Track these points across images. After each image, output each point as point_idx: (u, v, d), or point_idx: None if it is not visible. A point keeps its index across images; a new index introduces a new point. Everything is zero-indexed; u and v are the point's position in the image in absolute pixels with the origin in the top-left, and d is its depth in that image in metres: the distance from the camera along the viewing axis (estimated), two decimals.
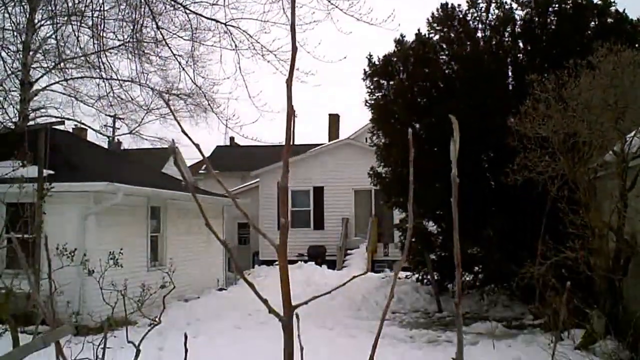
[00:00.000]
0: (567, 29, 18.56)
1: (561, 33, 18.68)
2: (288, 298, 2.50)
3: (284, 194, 2.47)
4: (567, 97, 13.23)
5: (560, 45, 18.61)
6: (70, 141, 23.40)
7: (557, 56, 17.67)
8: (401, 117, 20.28)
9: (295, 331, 2.45)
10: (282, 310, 2.44)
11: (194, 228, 24.45)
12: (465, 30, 19.87)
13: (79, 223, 17.82)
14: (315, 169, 34.08)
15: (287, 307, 2.50)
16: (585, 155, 13.36)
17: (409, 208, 2.59)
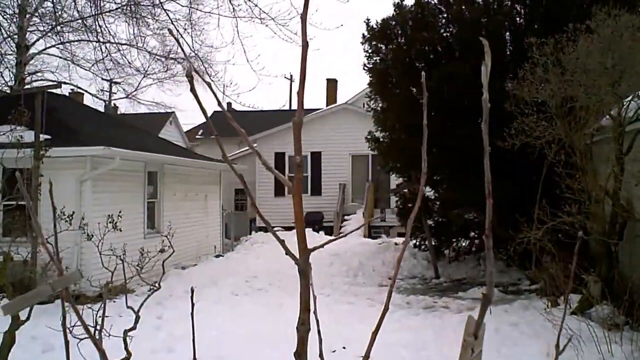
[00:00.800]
0: None
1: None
2: (303, 239, 2.40)
3: (297, 130, 2.36)
4: (565, 61, 13.16)
5: (559, 8, 18.45)
6: (67, 105, 23.28)
7: (557, 20, 17.53)
8: (399, 82, 20.21)
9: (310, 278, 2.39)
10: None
11: (191, 194, 24.47)
12: None
13: (76, 188, 17.76)
14: (312, 134, 33.96)
15: (303, 249, 2.40)
16: (582, 119, 13.33)
17: (422, 172, 2.52)
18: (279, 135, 35.20)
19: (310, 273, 2.42)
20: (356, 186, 34.73)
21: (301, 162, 2.41)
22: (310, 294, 2.48)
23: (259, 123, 38.64)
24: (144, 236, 20.14)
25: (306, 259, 2.40)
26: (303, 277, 2.42)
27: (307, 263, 2.40)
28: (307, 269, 2.40)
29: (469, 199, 17.77)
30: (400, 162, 21.50)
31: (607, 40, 12.83)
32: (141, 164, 20.79)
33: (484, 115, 2.52)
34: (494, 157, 11.76)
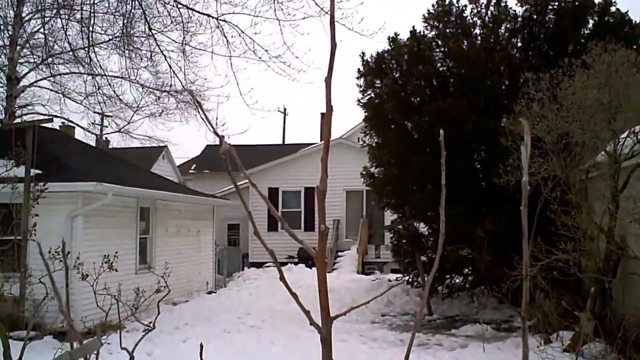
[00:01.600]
0: (565, 27, 18.43)
1: (559, 32, 18.56)
2: (327, 309, 2.43)
3: (321, 198, 2.34)
4: (561, 96, 13.12)
5: (557, 44, 18.50)
6: (58, 139, 23.11)
7: (553, 55, 17.58)
8: (394, 117, 20.14)
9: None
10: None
11: (183, 229, 24.26)
12: (462, 26, 19.72)
13: (67, 224, 17.50)
14: (306, 169, 33.84)
15: (326, 318, 2.43)
16: (578, 155, 13.26)
17: (440, 233, 2.47)
18: (273, 171, 35.08)
19: (331, 341, 2.44)
20: (350, 222, 34.54)
21: (326, 230, 2.50)
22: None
23: (252, 158, 38.54)
24: (135, 272, 19.89)
25: (328, 328, 2.43)
26: (325, 345, 2.44)
27: (329, 332, 2.43)
28: (329, 337, 2.43)
29: (462, 237, 17.60)
30: (395, 198, 21.37)
31: (603, 75, 12.80)
32: (133, 200, 20.60)
33: (523, 200, 2.41)
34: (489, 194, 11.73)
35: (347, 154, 33.17)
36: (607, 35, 14.87)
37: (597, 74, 12.90)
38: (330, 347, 2.40)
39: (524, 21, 19.37)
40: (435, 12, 20.06)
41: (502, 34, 19.65)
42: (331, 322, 2.37)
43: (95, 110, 27.43)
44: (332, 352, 2.56)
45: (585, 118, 12.92)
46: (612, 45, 13.17)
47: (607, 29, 17.77)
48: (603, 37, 14.58)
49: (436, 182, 18.60)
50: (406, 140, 19.70)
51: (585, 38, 17.93)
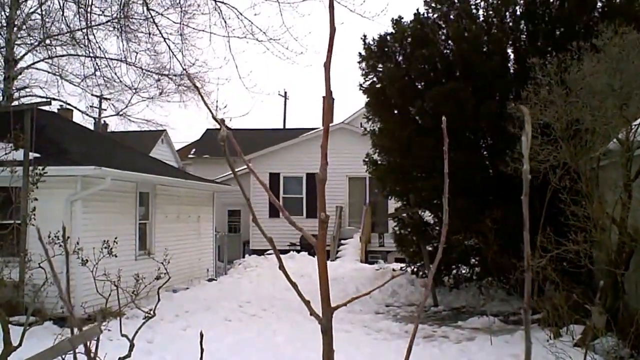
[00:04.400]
0: (572, 9, 17.95)
1: (565, 13, 18.08)
2: (327, 299, 2.41)
3: (321, 186, 2.15)
4: (570, 81, 12.77)
5: (564, 26, 18.08)
6: (56, 122, 22.85)
7: (561, 38, 17.17)
8: (397, 102, 19.76)
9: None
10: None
11: (183, 215, 24.02)
12: (466, 9, 19.28)
13: (65, 208, 17.29)
14: (308, 154, 33.46)
15: (327, 308, 2.40)
16: (588, 143, 12.91)
17: (444, 223, 2.26)
18: (274, 155, 34.76)
19: (332, 332, 2.38)
20: (353, 209, 34.21)
21: (326, 218, 2.44)
22: (333, 353, 2.42)
23: (252, 142, 38.19)
24: (135, 258, 19.67)
25: (329, 318, 2.39)
26: (326, 335, 2.39)
27: (329, 322, 2.39)
28: (329, 327, 2.39)
29: (469, 226, 17.27)
30: (399, 186, 21.01)
31: (614, 59, 12.46)
32: (133, 185, 20.35)
33: (524, 188, 2.11)
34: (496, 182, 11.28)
35: (350, 139, 32.78)
36: (617, 17, 14.46)
37: (608, 58, 12.55)
38: (331, 337, 2.37)
39: (528, 3, 18.87)
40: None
41: (508, 16, 19.19)
42: (332, 312, 2.34)
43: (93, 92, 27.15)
44: (335, 342, 2.49)
45: (596, 104, 12.59)
46: (622, 28, 12.78)
47: (616, 9, 17.31)
48: (613, 18, 14.19)
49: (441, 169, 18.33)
50: (409, 126, 19.33)
51: (594, 20, 17.50)
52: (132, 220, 20.33)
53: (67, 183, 17.36)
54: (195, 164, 46.15)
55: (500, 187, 17.22)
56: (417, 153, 18.73)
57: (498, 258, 16.59)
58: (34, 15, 23.74)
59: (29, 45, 24.31)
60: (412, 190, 20.34)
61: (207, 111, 22.80)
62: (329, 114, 2.12)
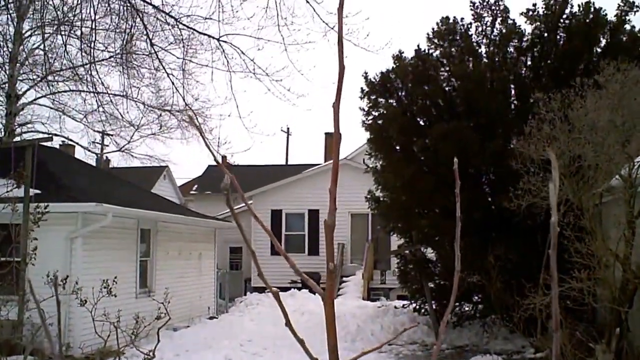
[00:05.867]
0: (577, 46, 18.03)
1: (570, 50, 18.15)
2: (335, 351, 2.29)
3: (329, 232, 2.00)
4: (572, 117, 12.74)
5: (568, 63, 18.11)
6: (58, 158, 22.83)
7: (564, 74, 17.18)
8: (399, 139, 19.73)
9: None
10: None
11: (185, 252, 23.88)
12: (468, 45, 19.31)
13: (65, 246, 17.25)
14: (310, 190, 33.34)
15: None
16: (591, 179, 12.83)
17: (456, 270, 2.15)
18: (276, 192, 34.67)
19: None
20: (355, 246, 34.01)
21: (334, 268, 2.21)
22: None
23: (254, 178, 38.10)
24: (135, 296, 19.53)
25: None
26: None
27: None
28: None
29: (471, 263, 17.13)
30: (401, 223, 20.92)
31: (616, 96, 12.44)
32: (134, 221, 20.27)
33: (552, 240, 2.02)
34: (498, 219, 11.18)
35: (352, 176, 32.58)
36: (619, 54, 14.51)
37: (610, 94, 12.54)
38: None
39: (533, 39, 18.95)
40: (439, 30, 19.67)
41: (510, 52, 19.24)
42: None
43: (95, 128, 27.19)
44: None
45: (598, 140, 12.54)
46: (625, 65, 12.81)
47: (619, 47, 17.39)
48: (616, 55, 14.23)
49: (443, 206, 18.29)
50: (412, 162, 19.29)
51: (598, 57, 17.55)
52: (132, 257, 20.21)
53: (68, 219, 17.31)
54: (197, 200, 46.03)
55: (503, 223, 17.12)
56: (419, 190, 18.66)
57: (501, 295, 16.45)
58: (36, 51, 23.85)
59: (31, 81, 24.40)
60: (414, 227, 20.23)
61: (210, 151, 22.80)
62: (337, 158, 2.03)
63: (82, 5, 18.77)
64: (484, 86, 18.36)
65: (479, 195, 18.44)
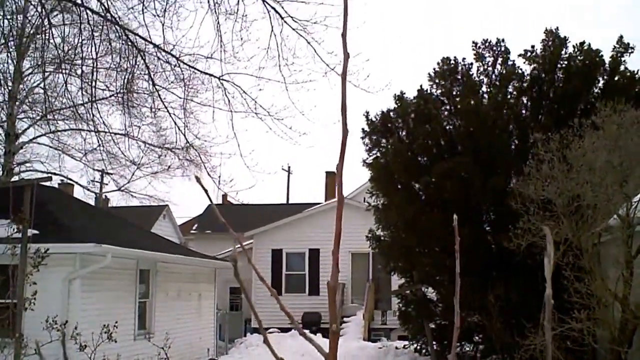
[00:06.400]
0: (575, 86, 18.22)
1: (568, 91, 18.34)
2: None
3: (332, 295, 1.97)
4: (571, 157, 12.81)
5: (566, 103, 18.27)
6: (56, 198, 22.80)
7: (563, 115, 17.34)
8: (400, 177, 19.80)
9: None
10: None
11: (184, 293, 23.74)
12: (469, 85, 19.49)
13: (63, 287, 17.08)
14: (311, 229, 33.32)
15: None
16: (590, 219, 12.86)
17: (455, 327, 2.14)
18: (276, 232, 34.62)
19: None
20: (356, 286, 33.84)
21: (337, 329, 2.27)
22: None
23: (255, 217, 38.08)
24: (134, 338, 19.37)
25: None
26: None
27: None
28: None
29: (471, 302, 17.06)
30: (402, 262, 20.87)
31: (613, 137, 12.53)
32: (133, 262, 20.17)
33: (546, 314, 2.03)
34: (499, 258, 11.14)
35: (353, 215, 32.49)
36: (616, 95, 14.63)
37: (607, 135, 12.63)
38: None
39: (532, 80, 19.14)
40: (441, 70, 19.86)
41: (510, 92, 19.42)
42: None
43: (95, 167, 27.19)
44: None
45: (597, 180, 12.61)
46: (621, 106, 12.93)
47: (616, 88, 17.56)
48: (613, 96, 14.35)
49: (445, 245, 18.22)
50: (413, 201, 19.33)
51: (595, 97, 17.72)
52: (132, 299, 20.07)
53: (66, 260, 17.16)
54: (197, 239, 45.94)
55: (503, 262, 17.11)
56: (420, 228, 18.67)
57: (502, 335, 16.36)
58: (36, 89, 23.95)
59: (31, 120, 24.46)
60: (415, 266, 20.19)
61: (212, 186, 22.45)
62: (339, 222, 2.03)
63: (83, 43, 18.88)
64: (486, 125, 18.46)
65: (480, 234, 18.43)
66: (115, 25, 18.12)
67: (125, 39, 18.61)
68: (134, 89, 21.58)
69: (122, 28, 18.28)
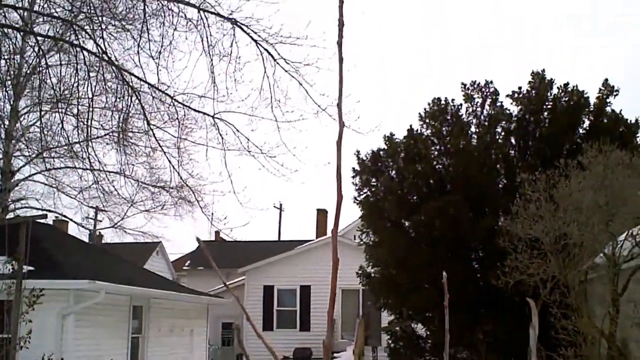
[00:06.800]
0: (561, 127, 18.54)
1: (554, 131, 18.65)
2: None
3: (326, 351, 2.20)
4: (558, 197, 13.04)
5: (552, 143, 18.55)
6: (51, 234, 22.96)
7: (549, 155, 17.60)
8: (391, 215, 20.03)
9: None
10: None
11: (176, 329, 23.84)
12: (459, 125, 19.81)
13: (57, 323, 17.20)
14: (301, 266, 33.58)
15: None
16: (576, 257, 13.06)
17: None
18: (268, 268, 34.78)
19: None
20: (346, 321, 33.90)
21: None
22: None
23: (248, 253, 38.31)
24: None
25: None
26: None
27: None
28: None
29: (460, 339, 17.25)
30: (392, 299, 21.02)
31: (599, 177, 12.74)
32: (126, 298, 20.31)
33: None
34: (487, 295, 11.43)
35: (344, 252, 32.27)
36: (602, 135, 14.86)
37: (593, 175, 12.86)
38: None
39: (519, 120, 19.46)
40: (431, 110, 20.18)
41: (499, 132, 19.74)
42: None
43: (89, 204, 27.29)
44: None
45: (583, 219, 12.79)
46: (607, 147, 13.16)
47: (602, 129, 17.85)
48: (598, 137, 14.58)
49: (435, 281, 18.38)
50: (404, 239, 19.55)
51: (581, 138, 18.04)
52: (124, 334, 20.18)
53: (60, 296, 17.28)
54: (189, 275, 46.04)
55: (491, 300, 17.28)
56: (411, 266, 18.87)
57: None
58: (32, 127, 24.13)
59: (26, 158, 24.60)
60: (405, 303, 20.34)
61: (207, 223, 22.54)
62: (334, 282, 2.27)
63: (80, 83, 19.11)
64: (475, 165, 18.74)
65: (469, 271, 18.66)
66: (111, 65, 18.38)
67: (121, 79, 18.85)
68: (129, 128, 21.74)
69: (118, 68, 18.54)
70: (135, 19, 18.04)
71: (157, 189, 24.58)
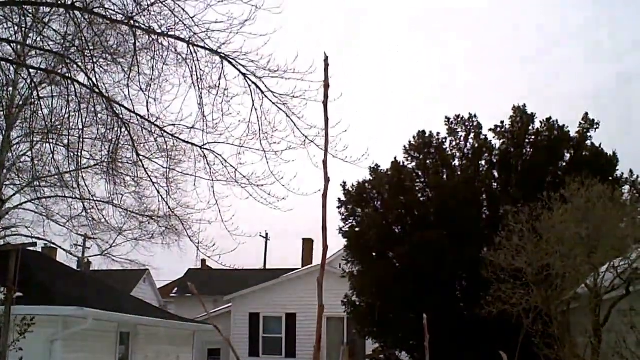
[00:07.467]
0: (542, 160, 18.88)
1: (536, 164, 18.98)
2: None
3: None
4: (540, 229, 13.28)
5: (534, 176, 18.82)
6: (40, 261, 23.01)
7: (531, 187, 17.84)
8: (375, 246, 20.25)
9: None
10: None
11: (163, 355, 23.86)
12: (442, 158, 20.12)
13: (45, 348, 17.26)
14: (287, 294, 33.72)
15: None
16: (559, 288, 13.30)
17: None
18: (254, 296, 34.88)
19: None
20: (331, 349, 33.97)
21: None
22: None
23: (234, 281, 38.39)
24: None
25: None
26: None
27: None
28: None
29: None
30: (377, 327, 21.19)
31: (581, 210, 12.99)
32: (114, 325, 20.37)
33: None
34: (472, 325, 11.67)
35: (328, 280, 32.36)
36: (583, 168, 15.19)
37: (575, 208, 13.11)
38: None
39: (501, 154, 19.79)
40: (415, 143, 20.50)
41: (482, 165, 20.04)
42: None
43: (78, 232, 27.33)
44: None
45: (565, 251, 13.01)
46: (588, 180, 13.42)
47: (583, 162, 18.20)
48: (579, 170, 14.87)
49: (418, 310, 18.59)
50: (388, 269, 19.76)
51: (563, 171, 18.34)
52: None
53: (49, 323, 17.31)
54: (177, 302, 46.04)
55: (475, 329, 17.47)
56: (395, 296, 19.06)
57: None
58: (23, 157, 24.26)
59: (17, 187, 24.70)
60: (389, 332, 20.51)
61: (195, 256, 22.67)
62: (320, 327, 2.46)
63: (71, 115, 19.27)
64: (458, 197, 19.00)
65: (453, 301, 18.87)
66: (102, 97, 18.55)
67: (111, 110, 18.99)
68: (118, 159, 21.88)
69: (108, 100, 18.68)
70: (126, 52, 18.20)
71: (145, 218, 24.69)
